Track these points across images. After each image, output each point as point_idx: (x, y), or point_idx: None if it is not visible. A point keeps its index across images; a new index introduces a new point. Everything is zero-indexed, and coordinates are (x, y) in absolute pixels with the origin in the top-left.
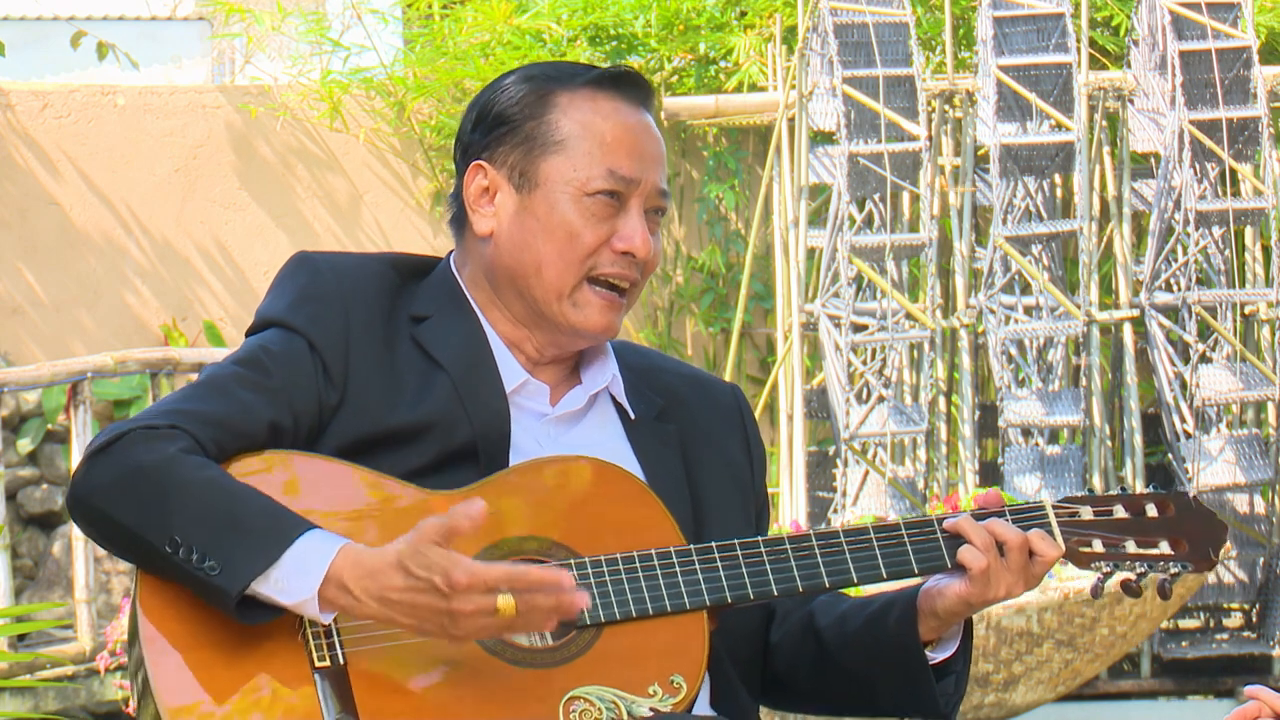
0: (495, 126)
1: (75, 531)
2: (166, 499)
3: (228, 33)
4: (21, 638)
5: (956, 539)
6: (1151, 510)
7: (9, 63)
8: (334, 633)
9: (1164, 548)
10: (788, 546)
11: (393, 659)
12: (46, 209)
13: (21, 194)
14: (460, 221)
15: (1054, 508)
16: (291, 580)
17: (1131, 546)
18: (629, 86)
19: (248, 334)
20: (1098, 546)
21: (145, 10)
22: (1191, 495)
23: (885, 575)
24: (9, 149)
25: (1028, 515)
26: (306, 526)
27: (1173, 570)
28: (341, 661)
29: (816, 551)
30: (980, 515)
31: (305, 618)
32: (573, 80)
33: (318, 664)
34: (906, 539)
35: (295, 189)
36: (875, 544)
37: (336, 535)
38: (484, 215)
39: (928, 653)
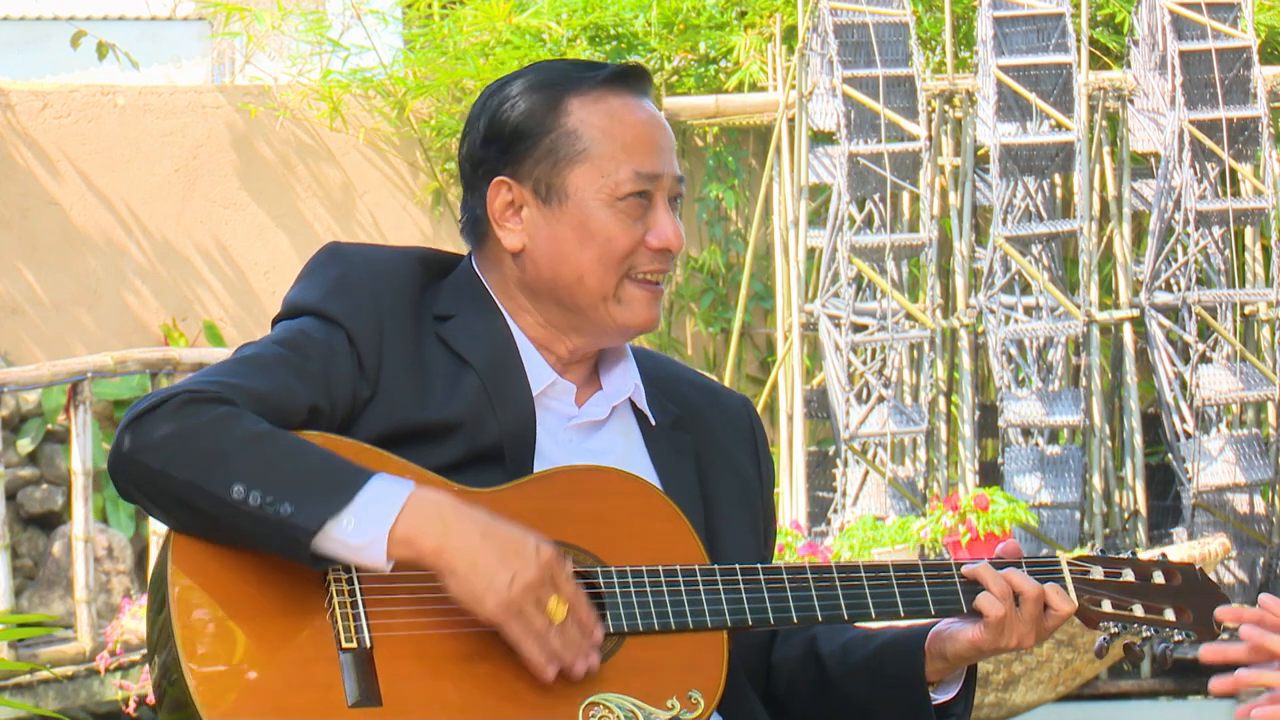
0: (512, 142)
1: (75, 531)
2: (228, 450)
3: (228, 33)
4: (22, 638)
5: (974, 585)
6: (1158, 577)
7: (9, 63)
8: (362, 615)
9: (1169, 615)
10: (809, 576)
11: (419, 646)
12: (46, 209)
13: (21, 194)
14: (476, 231)
15: (1069, 564)
16: (367, 514)
17: (1139, 610)
18: (636, 81)
19: (275, 320)
20: (1107, 607)
21: (145, 10)
22: (1197, 568)
23: (903, 614)
24: (9, 149)
25: (1043, 569)
26: (374, 471)
27: (1176, 638)
28: (368, 644)
29: (837, 584)
30: (998, 565)
31: (335, 596)
32: (581, 83)
33: (344, 645)
34: (925, 581)
35: (295, 188)
36: (895, 583)
37: (403, 478)
38: (512, 231)
39: (930, 693)
